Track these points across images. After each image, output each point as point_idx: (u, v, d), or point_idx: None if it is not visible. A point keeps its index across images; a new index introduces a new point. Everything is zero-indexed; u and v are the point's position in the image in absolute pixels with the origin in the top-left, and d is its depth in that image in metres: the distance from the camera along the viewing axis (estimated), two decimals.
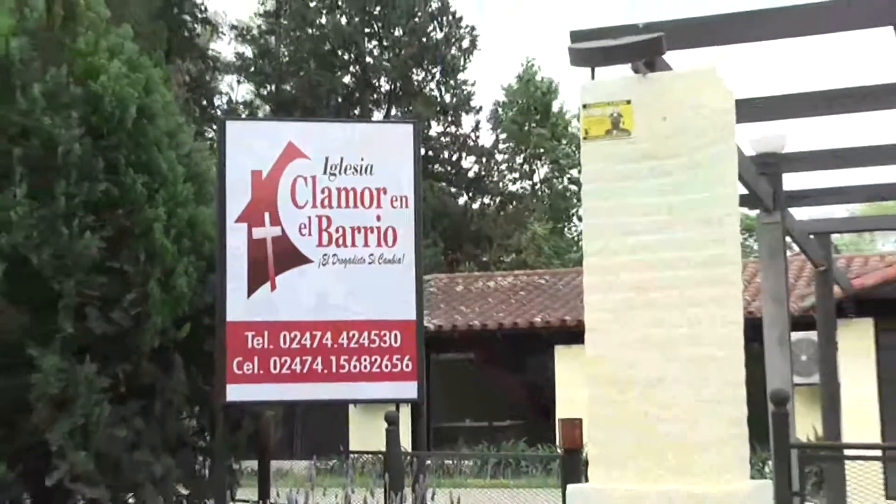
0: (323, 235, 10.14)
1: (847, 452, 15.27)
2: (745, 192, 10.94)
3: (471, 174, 44.03)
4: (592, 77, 6.91)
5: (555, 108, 44.28)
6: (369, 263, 10.18)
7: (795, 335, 15.63)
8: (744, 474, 6.50)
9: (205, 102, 39.00)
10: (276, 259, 10.09)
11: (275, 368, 9.96)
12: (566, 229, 41.90)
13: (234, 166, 10.10)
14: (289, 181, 10.18)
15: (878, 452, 16.46)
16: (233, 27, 44.37)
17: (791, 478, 6.51)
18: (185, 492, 10.11)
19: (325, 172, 10.22)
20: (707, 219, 6.51)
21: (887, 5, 7.44)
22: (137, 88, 9.98)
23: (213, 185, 10.49)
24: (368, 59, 42.49)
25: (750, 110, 9.39)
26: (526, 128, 43.27)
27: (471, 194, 43.87)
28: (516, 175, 45.06)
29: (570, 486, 6.95)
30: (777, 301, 12.20)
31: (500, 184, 44.81)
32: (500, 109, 44.28)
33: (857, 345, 18.22)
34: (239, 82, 44.17)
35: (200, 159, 10.93)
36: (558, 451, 9.72)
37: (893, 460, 16.58)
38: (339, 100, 40.87)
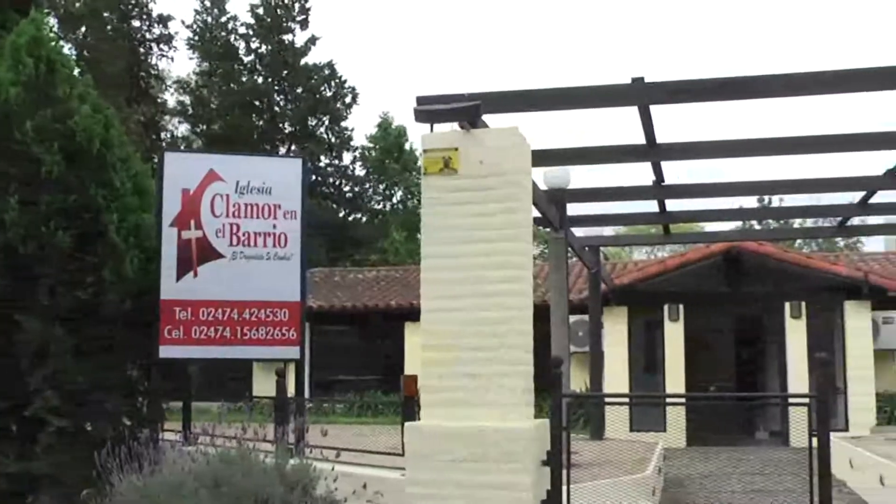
0: (233, 238, 10.08)
1: (606, 400, 15.77)
2: (539, 215, 11.12)
3: (349, 195, 43.74)
4: (431, 130, 6.92)
5: (407, 147, 44.10)
6: (267, 259, 10.13)
7: (574, 317, 15.97)
8: (531, 415, 6.61)
9: (154, 137, 37.99)
10: (198, 254, 9.99)
11: (195, 334, 9.90)
12: (417, 237, 41.80)
13: (170, 185, 10.00)
14: (209, 197, 10.10)
15: (626, 400, 17.21)
16: (177, 81, 43.59)
17: (562, 418, 6.62)
18: (128, 423, 9.94)
19: (236, 191, 10.16)
20: (510, 235, 6.58)
21: (633, 91, 7.60)
22: (100, 125, 9.85)
23: (153, 198, 10.34)
24: (277, 109, 42.04)
25: (545, 157, 9.51)
26: (386, 163, 43.12)
27: (348, 210, 43.61)
28: (380, 197, 44.86)
29: (407, 423, 7.00)
30: (561, 293, 12.42)
31: (370, 203, 44.62)
32: (366, 151, 44.04)
33: (615, 324, 18.70)
34: (180, 122, 43.25)
35: (145, 178, 10.77)
36: None
37: (636, 405, 17.22)
38: (255, 137, 40.27)
